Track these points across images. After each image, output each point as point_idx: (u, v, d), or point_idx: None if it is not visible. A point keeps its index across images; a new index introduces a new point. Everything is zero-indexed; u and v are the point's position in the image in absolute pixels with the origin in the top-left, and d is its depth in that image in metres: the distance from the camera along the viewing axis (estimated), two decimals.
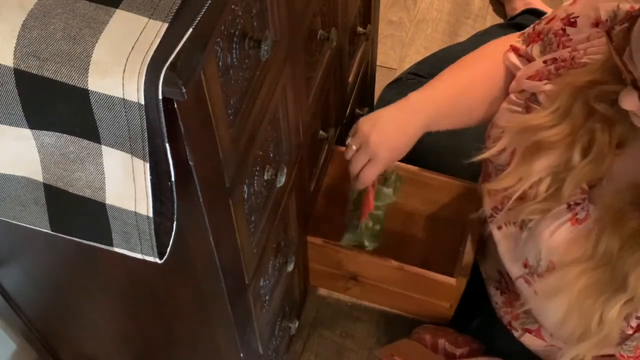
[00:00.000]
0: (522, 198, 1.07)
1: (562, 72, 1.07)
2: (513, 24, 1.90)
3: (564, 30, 1.09)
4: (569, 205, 1.03)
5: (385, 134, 1.18)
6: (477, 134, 1.23)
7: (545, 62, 1.11)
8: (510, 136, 1.08)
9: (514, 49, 1.20)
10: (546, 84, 1.08)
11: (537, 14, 1.94)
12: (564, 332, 1.05)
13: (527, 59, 1.17)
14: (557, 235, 1.04)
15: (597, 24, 1.04)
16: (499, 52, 1.22)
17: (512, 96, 1.15)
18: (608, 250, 0.96)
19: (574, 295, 1.00)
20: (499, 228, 1.15)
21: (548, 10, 1.94)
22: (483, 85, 1.21)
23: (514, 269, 1.14)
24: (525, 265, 1.10)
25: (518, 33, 1.23)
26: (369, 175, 1.21)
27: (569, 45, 1.08)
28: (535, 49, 1.15)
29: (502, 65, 1.21)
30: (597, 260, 0.98)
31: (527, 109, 1.11)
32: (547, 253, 1.05)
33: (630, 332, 1.00)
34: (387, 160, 1.19)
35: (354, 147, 1.20)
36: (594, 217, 1.01)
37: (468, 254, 1.28)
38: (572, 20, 1.08)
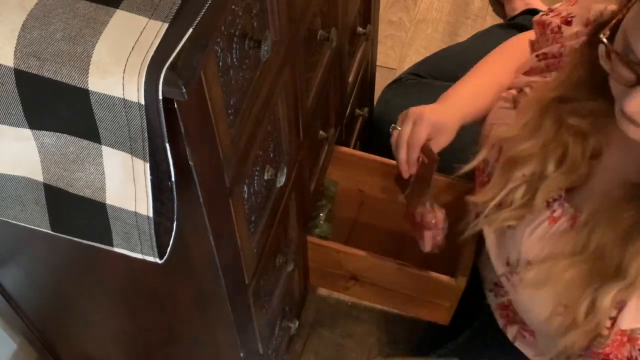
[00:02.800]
0: (500, 205, 1.09)
1: (552, 68, 1.10)
2: (513, 24, 1.90)
3: (559, 27, 1.12)
4: (547, 204, 1.05)
5: (425, 106, 1.19)
6: (475, 135, 1.23)
7: (537, 56, 1.13)
8: (487, 149, 1.12)
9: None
10: (531, 81, 1.11)
11: (536, 14, 1.94)
12: (550, 326, 1.06)
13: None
14: (535, 234, 1.06)
15: (587, 24, 1.06)
16: (524, 44, 1.25)
17: (504, 93, 1.17)
18: (601, 244, 0.98)
19: (562, 286, 1.01)
20: (489, 225, 1.16)
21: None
22: (508, 77, 1.23)
23: (498, 266, 1.16)
24: (507, 264, 1.12)
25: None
26: (417, 136, 1.17)
27: (560, 41, 1.11)
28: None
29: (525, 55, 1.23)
30: (589, 254, 0.99)
31: (515, 105, 1.13)
32: (525, 251, 1.07)
33: (605, 332, 1.01)
34: (431, 118, 1.17)
35: (399, 127, 1.20)
36: (586, 213, 1.02)
37: (468, 254, 1.29)
38: (569, 19, 1.11)
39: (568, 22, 1.11)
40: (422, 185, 1.22)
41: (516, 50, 1.25)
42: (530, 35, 1.25)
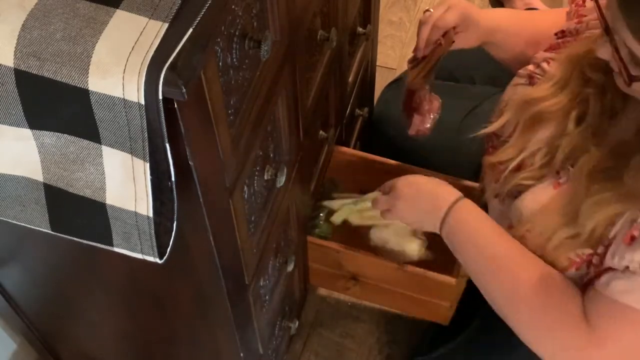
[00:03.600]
0: (518, 169, 1.09)
1: (567, 46, 1.10)
2: None
3: (584, 0, 1.12)
4: (557, 172, 1.06)
5: (468, 2, 1.21)
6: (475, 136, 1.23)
7: (556, 34, 1.14)
8: (512, 109, 1.11)
9: None
10: (547, 57, 1.11)
11: None
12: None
13: None
14: (539, 197, 1.06)
15: None
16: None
17: (521, 70, 1.17)
18: (576, 199, 1.00)
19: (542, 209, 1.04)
20: (496, 196, 1.16)
21: None
22: (543, 23, 1.24)
23: None
24: (510, 228, 1.12)
25: None
26: (446, 19, 1.19)
27: (580, 16, 1.11)
28: None
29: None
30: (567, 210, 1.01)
31: (531, 81, 1.14)
32: (526, 213, 1.07)
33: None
34: (465, 9, 1.19)
35: (431, 10, 1.21)
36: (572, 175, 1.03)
37: None
38: None
39: None
40: (428, 67, 1.24)
41: (558, 13, 1.25)
42: None
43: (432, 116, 1.26)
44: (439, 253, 1.26)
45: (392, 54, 2.12)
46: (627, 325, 0.95)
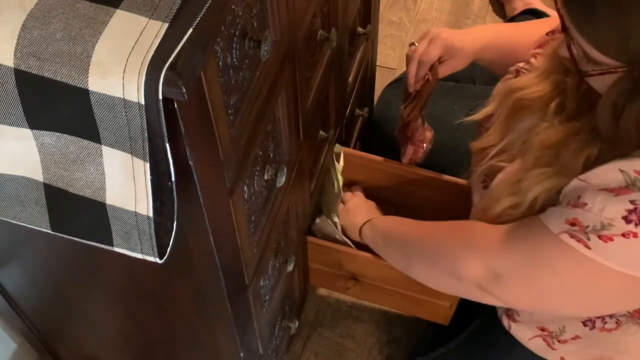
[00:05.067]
0: (500, 155, 1.13)
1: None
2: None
3: None
4: None
5: (447, 29, 1.26)
6: (473, 135, 1.24)
7: (547, 33, 1.16)
8: (497, 99, 1.16)
9: None
10: (535, 52, 1.15)
11: (536, 14, 1.94)
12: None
13: None
14: (505, 175, 1.09)
15: None
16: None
17: (511, 67, 1.19)
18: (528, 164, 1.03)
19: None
20: (482, 182, 1.19)
21: (547, 10, 1.95)
22: (533, 37, 1.26)
23: None
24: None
25: None
26: (429, 54, 1.23)
27: None
28: None
29: None
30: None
31: (517, 75, 1.16)
32: (494, 186, 1.11)
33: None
34: (446, 39, 1.23)
35: (416, 43, 1.26)
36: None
37: None
38: None
39: None
40: (420, 101, 1.30)
41: (545, 23, 1.27)
42: None
43: (424, 146, 1.35)
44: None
45: (392, 54, 2.12)
46: (535, 239, 0.98)
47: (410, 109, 1.32)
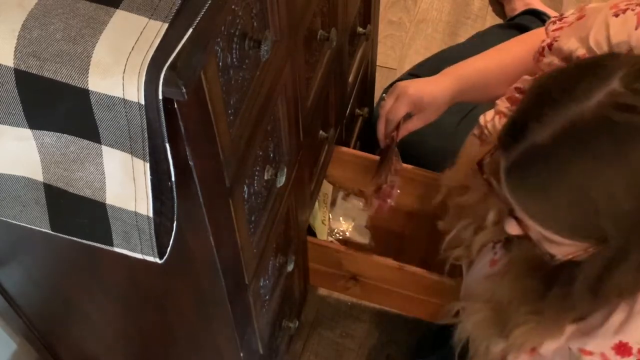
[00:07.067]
0: (454, 243, 1.14)
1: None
2: (513, 24, 1.90)
3: (543, 49, 1.07)
4: (493, 245, 1.07)
5: (415, 82, 1.23)
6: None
7: (515, 88, 1.10)
8: (443, 192, 1.16)
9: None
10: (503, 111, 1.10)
11: (536, 14, 1.94)
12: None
13: None
14: (480, 273, 1.08)
15: (561, 56, 1.01)
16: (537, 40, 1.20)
17: (481, 119, 1.16)
18: (501, 298, 1.00)
19: (470, 326, 1.05)
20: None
21: (547, 11, 1.95)
22: (507, 71, 1.23)
23: None
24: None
25: None
26: (395, 112, 1.21)
27: (538, 67, 1.08)
28: None
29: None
30: (494, 303, 1.02)
31: (481, 137, 1.14)
32: (466, 287, 1.12)
33: None
34: (412, 96, 1.20)
35: (385, 98, 1.24)
36: (503, 262, 1.04)
37: None
38: (552, 43, 1.05)
39: (549, 46, 1.04)
40: (386, 159, 1.29)
41: (534, 42, 1.18)
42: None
43: (389, 203, 1.32)
44: (439, 253, 1.27)
45: (392, 54, 2.12)
46: None
47: (379, 168, 1.31)
